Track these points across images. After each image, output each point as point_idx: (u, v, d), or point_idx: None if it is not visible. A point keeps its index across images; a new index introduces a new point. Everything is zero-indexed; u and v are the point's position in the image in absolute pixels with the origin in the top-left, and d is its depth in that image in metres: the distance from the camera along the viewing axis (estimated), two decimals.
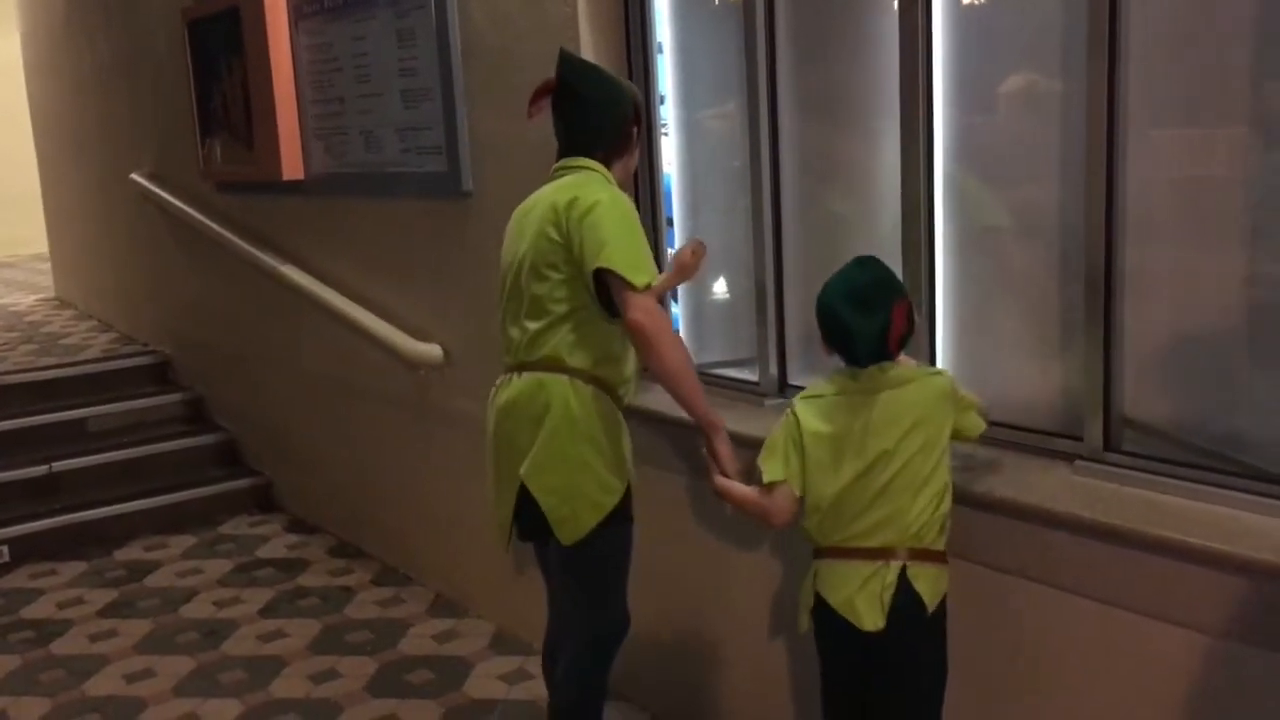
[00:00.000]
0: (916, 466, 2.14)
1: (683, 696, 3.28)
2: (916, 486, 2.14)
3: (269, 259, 4.88)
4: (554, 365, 2.58)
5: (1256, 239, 2.16)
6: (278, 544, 5.02)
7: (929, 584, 2.17)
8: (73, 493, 5.27)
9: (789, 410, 2.27)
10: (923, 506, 2.14)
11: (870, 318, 2.15)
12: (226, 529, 5.23)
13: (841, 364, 2.24)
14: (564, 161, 2.66)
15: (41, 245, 9.54)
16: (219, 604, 4.38)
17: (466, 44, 3.65)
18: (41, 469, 5.29)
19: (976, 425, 2.25)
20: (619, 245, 2.47)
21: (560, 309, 2.56)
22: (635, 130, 2.71)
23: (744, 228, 3.10)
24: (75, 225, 7.94)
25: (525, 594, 3.75)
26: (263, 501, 5.51)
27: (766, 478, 2.27)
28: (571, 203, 2.51)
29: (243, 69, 4.77)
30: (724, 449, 2.52)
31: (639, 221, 2.56)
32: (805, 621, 2.31)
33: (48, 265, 9.77)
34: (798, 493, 2.24)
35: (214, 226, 5.33)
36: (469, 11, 3.62)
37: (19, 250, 11.58)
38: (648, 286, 2.46)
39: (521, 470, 2.61)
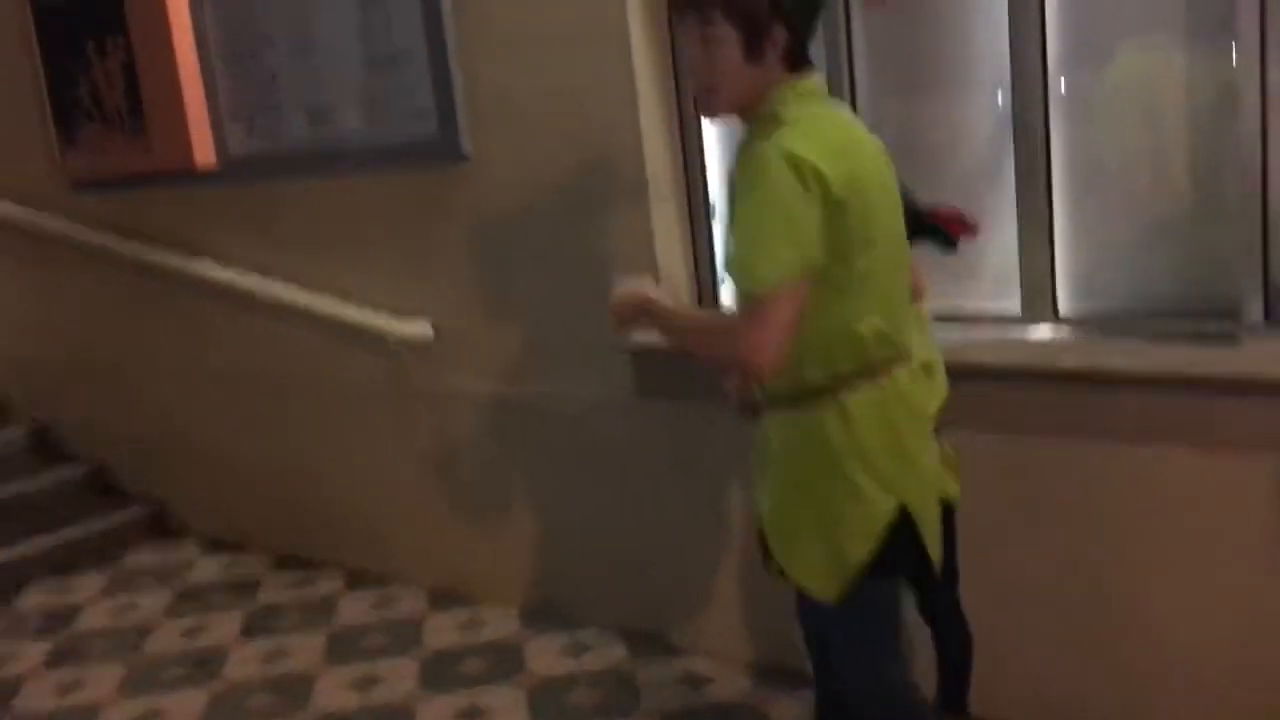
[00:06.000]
0: None
1: None
2: None
3: (166, 257, 4.44)
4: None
5: None
6: (207, 567, 4.58)
7: None
8: None
9: None
10: None
11: None
12: (132, 562, 4.72)
13: None
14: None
15: None
16: (187, 634, 3.97)
17: None
18: None
19: None
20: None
21: None
22: (773, 25, 1.95)
23: None
24: None
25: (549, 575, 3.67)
26: (159, 528, 5.01)
27: None
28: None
29: (125, 49, 4.30)
30: None
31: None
32: None
33: None
34: None
35: (75, 232, 4.76)
36: None
37: None
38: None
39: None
